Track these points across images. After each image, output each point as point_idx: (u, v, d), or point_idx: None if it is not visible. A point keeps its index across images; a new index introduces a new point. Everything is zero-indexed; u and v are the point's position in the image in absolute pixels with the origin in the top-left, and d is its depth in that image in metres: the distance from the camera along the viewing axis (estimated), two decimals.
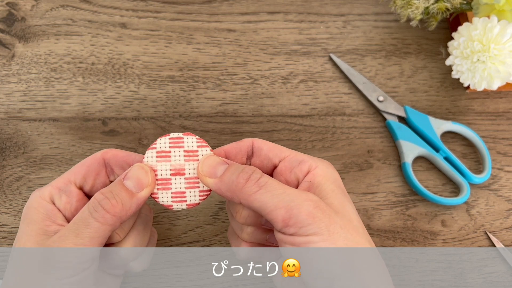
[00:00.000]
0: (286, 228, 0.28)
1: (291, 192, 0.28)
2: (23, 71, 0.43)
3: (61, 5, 0.46)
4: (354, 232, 0.28)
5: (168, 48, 0.46)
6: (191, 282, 0.38)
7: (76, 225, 0.29)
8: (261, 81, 0.45)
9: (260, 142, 0.33)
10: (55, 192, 0.31)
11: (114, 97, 0.43)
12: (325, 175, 0.31)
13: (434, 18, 0.45)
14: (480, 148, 0.44)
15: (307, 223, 0.27)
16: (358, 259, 0.27)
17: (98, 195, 0.29)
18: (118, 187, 0.30)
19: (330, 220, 0.28)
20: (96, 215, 0.28)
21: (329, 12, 0.48)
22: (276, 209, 0.28)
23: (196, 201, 0.31)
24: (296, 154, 0.32)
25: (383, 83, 0.46)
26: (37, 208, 0.30)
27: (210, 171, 0.30)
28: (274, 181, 0.29)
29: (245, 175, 0.29)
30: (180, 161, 0.31)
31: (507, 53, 0.40)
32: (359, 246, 0.28)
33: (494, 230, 0.41)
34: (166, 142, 0.31)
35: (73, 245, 0.28)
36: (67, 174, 0.32)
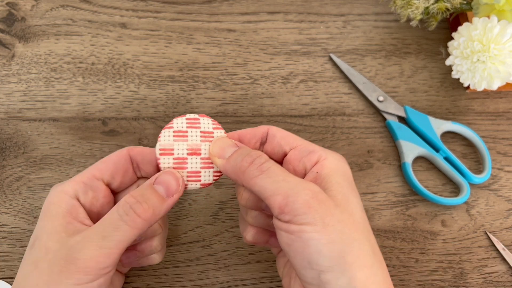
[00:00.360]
0: (282, 215, 0.27)
1: (291, 180, 0.28)
2: (23, 71, 0.43)
3: (61, 5, 0.46)
4: (353, 227, 0.28)
5: (168, 48, 0.46)
6: (191, 282, 0.38)
7: (104, 227, 0.28)
8: (261, 81, 0.45)
9: (274, 130, 0.33)
10: (80, 187, 0.31)
11: (114, 97, 0.43)
12: (333, 167, 0.30)
13: (434, 18, 0.45)
14: (480, 148, 0.44)
15: (302, 211, 0.27)
16: (350, 255, 0.27)
17: (129, 198, 0.29)
18: (149, 191, 0.29)
19: (327, 212, 0.27)
20: (127, 218, 0.28)
21: (329, 12, 0.49)
22: (274, 195, 0.28)
23: (209, 181, 0.31)
24: (308, 144, 0.32)
25: (383, 83, 0.46)
26: (57, 203, 0.30)
27: (219, 152, 0.31)
28: (278, 168, 0.29)
29: (249, 159, 0.29)
30: (197, 141, 0.31)
31: (507, 53, 0.40)
32: (354, 241, 0.27)
33: (494, 230, 0.41)
34: (184, 122, 0.31)
35: (98, 248, 0.27)
36: (91, 170, 0.31)
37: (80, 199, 0.31)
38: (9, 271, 0.37)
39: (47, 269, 0.27)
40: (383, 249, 0.40)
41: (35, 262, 0.28)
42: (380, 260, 0.28)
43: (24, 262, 0.29)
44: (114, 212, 0.28)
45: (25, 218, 0.39)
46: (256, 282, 0.38)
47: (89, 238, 0.28)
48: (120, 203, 0.29)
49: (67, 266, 0.27)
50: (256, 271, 0.38)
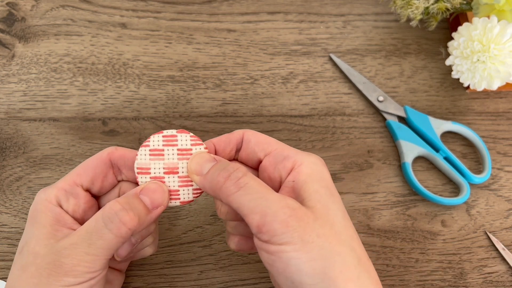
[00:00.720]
0: (260, 234, 0.27)
1: (269, 197, 0.27)
2: (23, 71, 0.43)
3: (61, 5, 0.46)
4: (334, 239, 0.27)
5: (168, 48, 0.46)
6: (191, 282, 0.38)
7: (89, 234, 0.28)
8: (261, 81, 0.45)
9: (249, 134, 0.32)
10: (62, 195, 0.30)
11: (114, 97, 0.43)
12: (310, 173, 0.29)
13: (434, 18, 0.45)
14: (480, 148, 0.44)
15: (280, 232, 0.26)
16: (333, 270, 0.26)
17: (115, 205, 0.28)
18: (136, 200, 0.29)
19: (306, 229, 0.26)
20: (112, 226, 0.28)
21: (329, 12, 0.49)
22: (251, 213, 0.27)
23: (189, 198, 0.31)
24: (282, 149, 0.31)
25: (383, 83, 0.46)
26: (44, 212, 0.30)
27: (197, 169, 0.30)
28: (255, 183, 0.28)
29: (225, 173, 0.28)
30: (174, 160, 0.30)
31: (507, 53, 0.40)
32: (336, 255, 0.26)
33: (494, 230, 0.41)
34: (160, 140, 0.31)
35: (85, 254, 0.27)
36: (72, 176, 0.31)
37: (63, 206, 0.30)
38: (9, 271, 0.37)
39: (36, 272, 0.27)
40: (383, 249, 0.40)
41: (24, 267, 0.28)
42: (367, 270, 0.28)
43: (14, 266, 0.29)
44: (99, 219, 0.28)
45: (25, 218, 0.39)
46: (256, 282, 0.38)
47: (75, 245, 0.28)
48: (105, 209, 0.28)
49: (55, 269, 0.27)
50: (256, 271, 0.38)
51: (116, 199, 0.29)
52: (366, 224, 0.41)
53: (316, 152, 0.43)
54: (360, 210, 0.41)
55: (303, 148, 0.43)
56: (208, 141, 0.32)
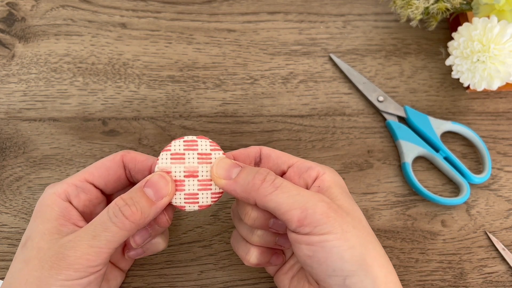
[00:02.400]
0: (301, 227, 0.28)
1: (305, 193, 0.29)
2: (23, 71, 0.43)
3: (61, 5, 0.46)
4: (365, 231, 0.30)
5: (168, 48, 0.46)
6: (191, 282, 0.38)
7: (94, 227, 0.29)
8: (261, 81, 0.45)
9: (267, 150, 0.34)
10: (72, 190, 0.31)
11: (114, 97, 0.43)
12: (333, 181, 0.32)
13: (434, 18, 0.45)
14: (480, 148, 0.44)
15: (322, 222, 0.28)
16: (369, 257, 0.28)
17: (118, 201, 0.29)
18: (138, 194, 0.30)
19: (343, 219, 0.29)
20: (116, 220, 0.29)
21: (329, 12, 0.49)
22: (291, 209, 0.29)
23: (208, 202, 0.32)
24: (304, 161, 0.33)
25: (383, 83, 0.46)
26: (51, 206, 0.30)
27: (224, 173, 0.31)
28: (289, 183, 0.30)
29: (261, 176, 0.30)
30: (194, 163, 0.31)
31: (507, 53, 0.40)
32: (369, 244, 0.29)
33: (494, 230, 0.41)
34: (181, 145, 0.31)
35: (89, 247, 0.28)
36: (83, 174, 0.32)
37: (73, 201, 0.31)
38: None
39: (38, 265, 0.28)
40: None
41: (26, 260, 0.29)
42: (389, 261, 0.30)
43: (15, 260, 0.30)
44: (105, 213, 0.29)
45: (25, 218, 0.39)
46: (256, 282, 0.38)
47: (80, 237, 0.28)
48: (110, 205, 0.29)
49: (57, 262, 0.28)
50: (256, 271, 0.38)
51: (121, 195, 0.30)
52: None
53: (316, 153, 0.43)
54: None
55: (303, 149, 0.43)
56: (228, 153, 0.33)
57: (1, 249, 0.38)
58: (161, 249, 0.34)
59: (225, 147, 0.42)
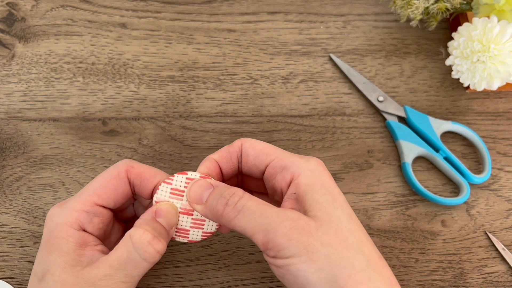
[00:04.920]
0: (267, 251, 0.28)
1: (268, 214, 0.28)
2: (23, 71, 0.43)
3: (61, 5, 0.46)
4: (340, 245, 0.27)
5: (168, 48, 0.46)
6: (191, 282, 0.38)
7: (124, 265, 0.28)
8: (261, 81, 0.45)
9: (247, 146, 0.32)
10: (84, 217, 0.30)
11: (114, 97, 0.43)
12: (309, 183, 0.29)
13: (434, 18, 0.45)
14: (480, 148, 0.44)
15: (284, 246, 0.27)
16: (341, 277, 0.26)
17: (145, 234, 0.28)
18: (158, 225, 0.30)
19: (309, 239, 0.27)
20: (146, 256, 0.28)
21: (329, 12, 0.49)
22: (254, 233, 0.28)
23: (197, 239, 0.32)
24: (280, 159, 0.31)
25: (383, 83, 0.46)
26: (65, 238, 0.29)
27: (196, 198, 0.30)
28: (253, 203, 0.28)
29: (223, 200, 0.29)
30: None
31: (507, 53, 0.40)
32: (343, 261, 0.27)
33: (494, 230, 0.41)
34: (183, 181, 0.31)
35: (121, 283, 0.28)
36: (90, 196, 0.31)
37: (87, 228, 0.30)
38: (9, 271, 0.37)
39: None
40: (383, 249, 0.40)
41: None
42: (378, 270, 0.28)
43: None
44: (132, 250, 0.28)
45: (25, 218, 0.39)
46: (256, 282, 0.38)
47: (111, 277, 0.28)
48: (135, 239, 0.29)
49: None
50: (256, 271, 0.38)
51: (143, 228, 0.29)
52: (366, 224, 0.41)
53: (316, 153, 0.43)
54: (360, 210, 0.41)
55: (303, 149, 0.43)
56: (209, 157, 0.32)
57: (1, 249, 0.38)
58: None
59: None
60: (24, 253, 0.37)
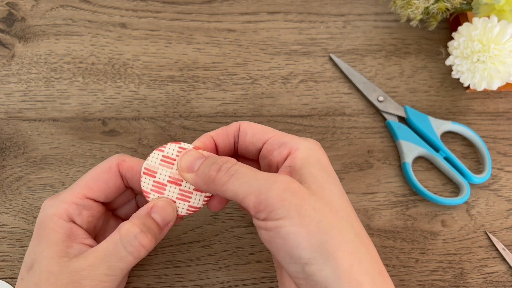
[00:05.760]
0: (258, 213, 0.27)
1: (261, 177, 0.27)
2: (23, 71, 0.43)
3: (61, 5, 0.46)
4: (331, 214, 0.27)
5: (168, 48, 0.46)
6: (191, 282, 0.38)
7: (108, 257, 0.28)
8: (261, 81, 0.45)
9: (245, 126, 0.32)
10: (73, 209, 0.30)
11: (114, 97, 0.43)
12: (306, 157, 0.29)
13: (434, 18, 0.45)
14: (480, 148, 0.44)
15: (276, 207, 0.26)
16: (331, 244, 0.26)
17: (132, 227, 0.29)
18: (150, 220, 0.29)
19: (302, 201, 0.27)
20: (132, 249, 0.28)
21: (329, 12, 0.48)
22: (247, 195, 0.27)
23: (182, 212, 0.31)
24: (279, 136, 0.31)
25: (383, 83, 0.46)
26: (54, 229, 0.29)
27: (188, 166, 0.30)
28: (246, 168, 0.28)
29: (216, 167, 0.28)
30: None
31: (507, 53, 0.40)
32: (333, 229, 0.26)
33: (494, 230, 0.41)
34: (175, 150, 0.31)
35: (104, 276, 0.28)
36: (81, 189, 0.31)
37: (76, 220, 0.30)
38: (9, 271, 0.37)
39: None
40: (383, 249, 0.40)
41: (37, 285, 0.28)
42: (365, 245, 0.28)
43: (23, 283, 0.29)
44: (117, 242, 0.28)
45: (25, 218, 0.39)
46: (256, 282, 0.38)
47: (94, 267, 0.28)
48: (122, 232, 0.29)
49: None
50: (256, 271, 0.38)
51: (132, 221, 0.29)
52: (366, 224, 0.41)
53: None
54: (360, 210, 0.41)
55: None
56: (206, 134, 0.32)
57: (1, 249, 0.38)
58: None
59: None
60: (24, 253, 0.37)
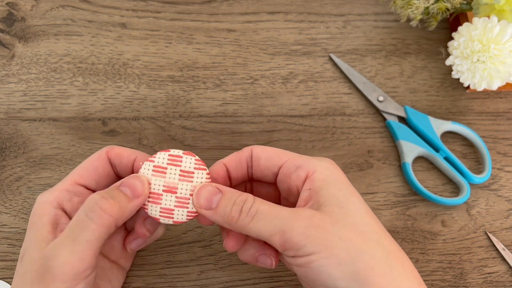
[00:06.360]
0: (286, 251, 0.28)
1: (283, 214, 0.28)
2: (23, 71, 0.43)
3: (61, 5, 0.46)
4: (359, 239, 0.27)
5: (168, 48, 0.46)
6: (191, 282, 0.38)
7: (72, 229, 0.27)
8: (261, 81, 0.45)
9: (258, 151, 0.32)
10: (64, 195, 0.30)
11: (114, 97, 0.43)
12: (324, 179, 0.30)
13: (434, 18, 0.45)
14: (480, 148, 0.44)
15: (302, 244, 0.27)
16: (364, 269, 0.26)
17: (94, 195, 0.28)
18: (115, 191, 0.29)
19: (327, 234, 0.27)
20: (93, 215, 0.27)
21: (329, 12, 0.48)
22: (271, 235, 0.28)
23: (183, 219, 0.31)
24: (294, 159, 0.31)
25: (383, 83, 0.46)
26: (40, 215, 0.29)
27: (205, 204, 0.30)
28: (266, 206, 0.28)
29: (238, 208, 0.28)
30: (174, 180, 0.31)
31: (507, 53, 0.40)
32: (363, 253, 0.27)
33: (494, 230, 0.41)
34: (165, 158, 0.31)
35: (70, 253, 0.26)
36: (73, 177, 0.31)
37: (66, 207, 0.30)
38: (9, 271, 0.37)
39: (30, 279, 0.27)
40: None
41: (23, 275, 0.28)
42: (400, 262, 0.28)
43: (15, 275, 0.29)
44: (80, 212, 0.28)
45: (25, 218, 0.39)
46: (256, 282, 0.38)
47: (60, 244, 0.27)
48: (86, 201, 0.28)
49: (44, 275, 0.26)
50: (256, 271, 0.38)
51: (98, 191, 0.29)
52: None
53: (316, 152, 0.43)
54: None
55: (303, 149, 0.43)
56: (219, 161, 0.32)
57: (1, 249, 0.38)
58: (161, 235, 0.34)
59: (225, 147, 0.42)
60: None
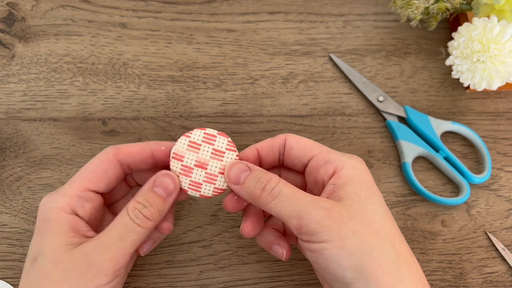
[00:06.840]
0: (301, 235, 0.29)
1: (303, 200, 0.29)
2: (23, 71, 0.43)
3: (61, 5, 0.46)
4: (372, 236, 0.28)
5: (168, 48, 0.46)
6: (191, 282, 0.38)
7: (119, 230, 0.29)
8: (261, 81, 0.45)
9: (291, 140, 0.33)
10: (75, 202, 0.31)
11: (114, 97, 0.43)
12: (350, 177, 0.31)
13: (434, 18, 0.45)
14: (480, 148, 0.44)
15: (316, 231, 0.28)
16: (371, 265, 0.27)
17: (137, 205, 0.30)
18: (151, 195, 0.31)
19: (342, 226, 0.28)
20: (139, 221, 0.30)
21: (329, 12, 0.49)
22: (289, 218, 0.29)
23: (209, 194, 0.33)
24: (325, 153, 0.32)
25: (383, 83, 0.46)
26: (57, 221, 0.30)
27: (234, 178, 0.32)
28: (289, 189, 0.30)
29: (261, 185, 0.30)
30: (206, 156, 0.33)
31: (507, 53, 0.40)
32: (373, 250, 0.28)
33: (494, 230, 0.41)
34: (200, 135, 0.33)
35: (116, 249, 0.29)
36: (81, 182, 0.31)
37: (79, 213, 0.31)
38: (9, 271, 0.37)
39: (63, 276, 0.28)
40: None
41: (44, 274, 0.28)
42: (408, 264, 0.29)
43: (28, 276, 0.29)
44: (125, 217, 0.30)
45: (25, 218, 0.39)
46: (256, 282, 0.38)
47: (106, 242, 0.29)
48: (129, 208, 0.30)
49: (87, 269, 0.28)
50: (256, 271, 0.38)
51: (135, 198, 0.31)
52: None
53: None
54: None
55: None
56: (252, 146, 0.34)
57: (1, 249, 0.38)
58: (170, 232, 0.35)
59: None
60: (24, 253, 0.37)
